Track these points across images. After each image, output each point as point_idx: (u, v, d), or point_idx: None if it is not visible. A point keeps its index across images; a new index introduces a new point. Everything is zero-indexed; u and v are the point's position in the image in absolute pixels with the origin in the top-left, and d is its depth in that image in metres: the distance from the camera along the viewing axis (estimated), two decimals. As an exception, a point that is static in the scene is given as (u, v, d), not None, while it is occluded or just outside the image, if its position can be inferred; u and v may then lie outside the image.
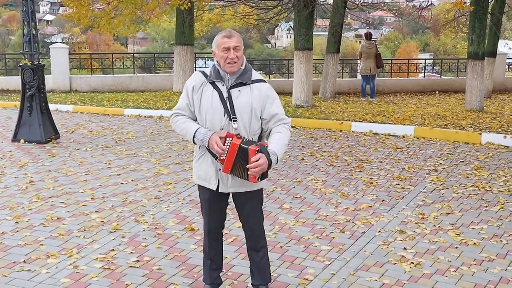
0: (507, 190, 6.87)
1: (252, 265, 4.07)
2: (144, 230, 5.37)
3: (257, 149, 3.60)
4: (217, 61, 3.79)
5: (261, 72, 21.93)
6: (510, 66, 20.40)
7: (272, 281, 4.29)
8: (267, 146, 3.68)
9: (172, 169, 7.50)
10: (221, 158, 3.69)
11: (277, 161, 3.70)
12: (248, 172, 3.62)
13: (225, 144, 3.66)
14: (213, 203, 3.92)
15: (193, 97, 3.79)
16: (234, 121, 3.70)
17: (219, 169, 3.77)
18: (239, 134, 3.68)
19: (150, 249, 4.96)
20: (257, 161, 3.58)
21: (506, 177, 7.44)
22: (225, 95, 3.73)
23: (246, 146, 3.61)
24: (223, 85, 3.75)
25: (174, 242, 5.11)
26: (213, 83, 3.76)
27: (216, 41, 3.75)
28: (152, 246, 5.02)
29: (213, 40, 3.82)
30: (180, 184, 6.85)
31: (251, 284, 4.14)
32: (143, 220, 5.63)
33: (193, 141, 3.77)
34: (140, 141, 9.25)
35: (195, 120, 3.82)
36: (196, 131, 3.73)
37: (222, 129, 3.71)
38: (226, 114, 3.71)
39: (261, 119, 3.79)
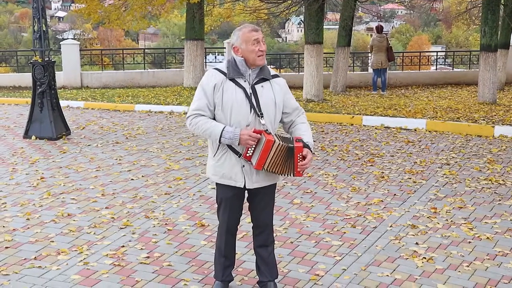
0: (521, 183, 6.79)
1: (260, 261, 4.06)
2: (154, 226, 5.37)
3: (302, 145, 3.74)
4: (241, 56, 3.74)
5: (272, 66, 21.88)
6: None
7: (282, 277, 4.27)
8: (302, 139, 3.81)
9: (182, 165, 7.49)
10: (247, 154, 3.69)
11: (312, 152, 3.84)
12: (298, 169, 3.73)
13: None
14: (235, 201, 3.91)
15: (214, 96, 3.72)
16: (261, 117, 3.72)
17: (243, 166, 3.76)
18: (267, 129, 3.72)
19: (160, 245, 4.95)
20: (305, 156, 3.73)
21: (519, 170, 7.35)
22: (249, 91, 3.74)
23: (292, 145, 3.71)
24: (245, 81, 3.75)
25: (184, 238, 5.10)
26: (233, 80, 3.74)
27: (241, 36, 3.72)
28: (163, 242, 5.01)
29: (232, 36, 3.80)
30: (191, 180, 6.83)
31: (258, 282, 4.12)
32: (153, 216, 5.62)
33: (219, 140, 3.70)
34: (150, 136, 9.25)
35: (214, 119, 3.77)
36: (223, 130, 3.67)
37: (248, 125, 3.72)
38: (252, 111, 3.72)
39: (283, 112, 3.89)
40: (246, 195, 3.96)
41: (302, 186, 6.60)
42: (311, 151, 3.79)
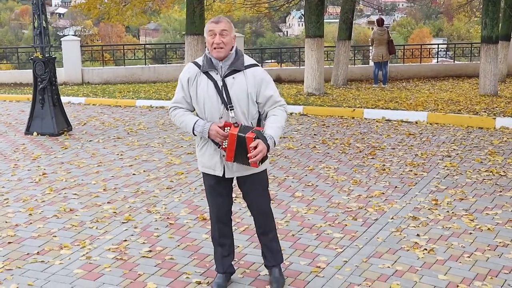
0: (522, 174, 6.79)
1: (264, 249, 4.12)
2: (156, 220, 5.39)
3: (254, 136, 3.64)
4: (207, 48, 3.78)
5: (273, 60, 21.86)
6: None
7: (284, 269, 4.29)
8: (263, 131, 3.72)
9: (184, 159, 7.51)
10: (223, 146, 3.73)
11: (275, 144, 3.73)
12: (249, 160, 3.66)
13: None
14: (218, 189, 3.95)
15: (189, 89, 3.80)
16: (231, 109, 3.71)
17: (223, 156, 3.78)
18: (236, 122, 3.71)
19: (162, 239, 4.97)
20: (255, 147, 3.62)
21: (521, 161, 7.35)
22: (219, 84, 3.73)
23: (243, 135, 3.64)
24: (217, 74, 3.75)
25: (186, 232, 5.12)
26: (206, 73, 3.76)
27: (205, 27, 3.76)
28: (164, 236, 5.03)
29: None
30: (192, 174, 6.85)
31: (264, 265, 4.20)
32: (155, 211, 5.64)
33: (193, 133, 3.80)
34: (152, 131, 9.27)
35: (193, 111, 3.84)
36: (195, 123, 3.76)
37: (221, 117, 3.73)
38: (222, 104, 3.72)
39: (257, 103, 3.80)
40: (236, 183, 3.99)
41: (303, 179, 6.62)
42: (267, 143, 3.65)
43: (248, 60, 3.83)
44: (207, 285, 4.17)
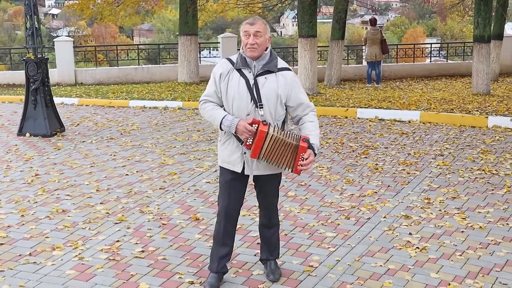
0: (514, 173, 6.82)
1: (262, 242, 4.23)
2: (149, 221, 5.38)
3: (307, 146, 3.79)
4: (242, 48, 3.91)
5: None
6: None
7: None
8: (309, 140, 3.85)
9: (177, 160, 7.50)
10: (247, 143, 3.80)
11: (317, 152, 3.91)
12: (298, 168, 3.80)
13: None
14: (234, 185, 4.01)
15: (220, 84, 3.90)
16: (260, 108, 3.82)
17: (244, 153, 3.88)
18: (265, 120, 3.80)
19: (155, 239, 4.96)
20: (308, 157, 3.80)
21: (513, 160, 7.39)
22: (251, 82, 3.85)
23: (297, 143, 3.78)
24: (250, 72, 3.87)
25: (179, 232, 5.12)
26: (239, 70, 3.88)
27: (241, 27, 3.89)
28: (157, 236, 5.03)
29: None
30: (185, 174, 6.85)
31: (260, 259, 4.29)
32: (148, 211, 5.64)
33: (220, 127, 3.88)
34: (145, 132, 9.26)
35: (222, 106, 3.94)
36: (224, 118, 3.84)
37: (249, 115, 3.83)
38: (252, 101, 3.84)
39: (286, 106, 3.93)
40: (251, 182, 4.08)
41: (296, 179, 6.62)
42: (315, 152, 3.85)
43: (281, 63, 3.96)
44: (199, 285, 4.17)
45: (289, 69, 3.96)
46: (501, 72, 16.90)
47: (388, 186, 6.39)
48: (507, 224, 5.26)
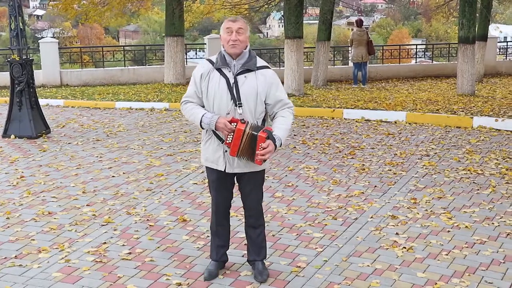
0: (499, 173, 6.88)
1: (249, 242, 4.26)
2: (136, 222, 5.36)
3: (266, 136, 3.83)
4: (223, 46, 3.96)
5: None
6: (501, 50, 20.38)
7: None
8: (272, 131, 3.89)
9: (163, 161, 7.48)
10: (227, 141, 3.88)
11: (281, 145, 3.94)
12: (256, 158, 3.85)
13: None
14: (220, 183, 4.13)
15: (201, 85, 3.97)
16: (239, 106, 3.89)
17: (226, 151, 3.95)
18: (243, 119, 3.88)
19: (142, 241, 4.94)
20: (266, 147, 3.82)
21: (497, 160, 7.45)
22: (231, 81, 3.92)
23: (256, 133, 3.82)
24: (230, 71, 3.94)
25: (166, 234, 5.10)
26: (219, 70, 3.95)
27: (222, 25, 3.96)
28: (144, 238, 5.01)
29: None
30: (172, 176, 6.83)
31: (247, 260, 4.32)
32: (135, 213, 5.61)
33: (201, 125, 3.96)
34: (131, 133, 9.22)
35: (203, 106, 4.00)
36: (203, 115, 3.92)
37: (228, 113, 3.90)
38: (232, 100, 3.90)
39: (265, 103, 3.99)
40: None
41: (283, 180, 6.63)
42: (275, 144, 3.86)
43: (260, 61, 4.03)
44: (187, 286, 4.16)
45: (268, 68, 4.03)
46: (485, 73, 17.05)
47: (375, 186, 6.41)
48: (493, 223, 5.31)
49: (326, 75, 15.52)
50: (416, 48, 20.75)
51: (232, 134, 3.84)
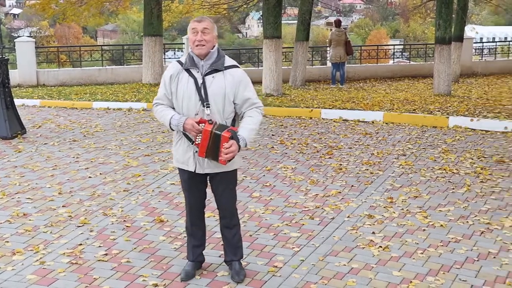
0: (474, 172, 6.97)
1: (225, 243, 4.26)
2: (112, 223, 5.32)
3: (229, 136, 3.81)
4: (190, 47, 3.95)
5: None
6: (477, 50, 20.65)
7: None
8: (237, 132, 3.88)
9: (141, 161, 7.44)
10: (196, 142, 3.88)
11: (246, 146, 3.93)
12: (219, 158, 3.83)
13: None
14: (192, 183, 4.12)
15: (170, 86, 3.97)
16: (207, 107, 3.88)
17: (196, 152, 3.94)
18: (211, 120, 3.87)
19: (118, 242, 4.91)
20: (229, 147, 3.80)
21: (472, 159, 7.55)
22: (199, 81, 3.91)
23: (219, 133, 3.81)
24: (198, 72, 3.92)
25: (143, 235, 5.07)
26: (188, 71, 3.94)
27: (188, 25, 3.94)
28: (121, 239, 4.98)
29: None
30: (149, 176, 6.79)
31: (224, 261, 4.32)
32: (112, 213, 5.58)
33: (170, 127, 3.97)
34: (108, 134, 9.15)
35: (174, 108, 4.00)
36: (172, 117, 3.93)
37: (197, 114, 3.89)
38: (200, 101, 3.89)
39: (234, 103, 3.97)
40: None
41: (261, 180, 6.64)
42: (238, 144, 3.83)
43: (229, 61, 4.00)
44: (164, 287, 4.14)
45: (237, 67, 4.01)
46: (461, 73, 17.25)
47: (352, 186, 6.45)
48: (467, 222, 5.38)
49: (305, 75, 15.57)
50: (394, 49, 20.95)
51: (200, 135, 3.84)
